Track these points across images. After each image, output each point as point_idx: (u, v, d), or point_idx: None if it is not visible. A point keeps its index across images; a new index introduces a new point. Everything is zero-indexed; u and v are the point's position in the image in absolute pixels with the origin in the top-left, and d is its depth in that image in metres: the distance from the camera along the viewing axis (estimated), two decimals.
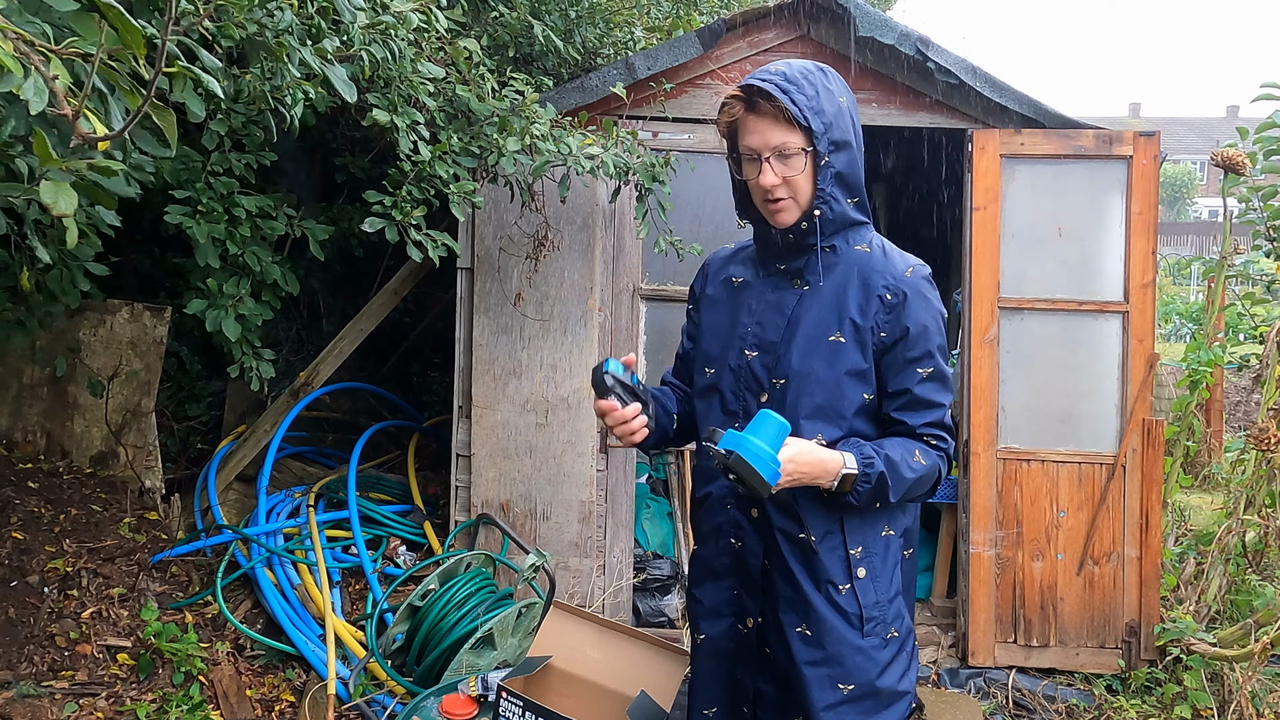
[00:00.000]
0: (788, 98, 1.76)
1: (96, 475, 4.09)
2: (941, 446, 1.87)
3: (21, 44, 1.34)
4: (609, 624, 2.48)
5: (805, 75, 1.81)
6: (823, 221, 1.84)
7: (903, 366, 1.84)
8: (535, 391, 4.00)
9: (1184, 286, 17.06)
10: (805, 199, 1.84)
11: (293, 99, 2.43)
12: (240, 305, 3.37)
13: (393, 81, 2.88)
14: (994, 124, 3.98)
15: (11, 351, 4.03)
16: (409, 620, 3.30)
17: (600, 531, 4.05)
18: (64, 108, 1.33)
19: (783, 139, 1.79)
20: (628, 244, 4.02)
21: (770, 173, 1.81)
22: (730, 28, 3.95)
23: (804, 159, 1.80)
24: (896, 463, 1.80)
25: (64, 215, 1.42)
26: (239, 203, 3.34)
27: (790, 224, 1.86)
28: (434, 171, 3.00)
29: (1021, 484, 3.99)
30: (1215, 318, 4.87)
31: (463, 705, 2.53)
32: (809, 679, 1.86)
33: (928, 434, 1.85)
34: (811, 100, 1.78)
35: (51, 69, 1.35)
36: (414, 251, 3.00)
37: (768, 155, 1.81)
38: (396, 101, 2.90)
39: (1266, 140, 4.23)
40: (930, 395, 1.84)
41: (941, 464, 1.87)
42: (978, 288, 3.98)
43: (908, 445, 1.84)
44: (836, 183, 1.83)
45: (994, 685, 3.93)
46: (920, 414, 1.85)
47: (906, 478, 1.80)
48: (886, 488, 1.79)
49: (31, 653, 3.29)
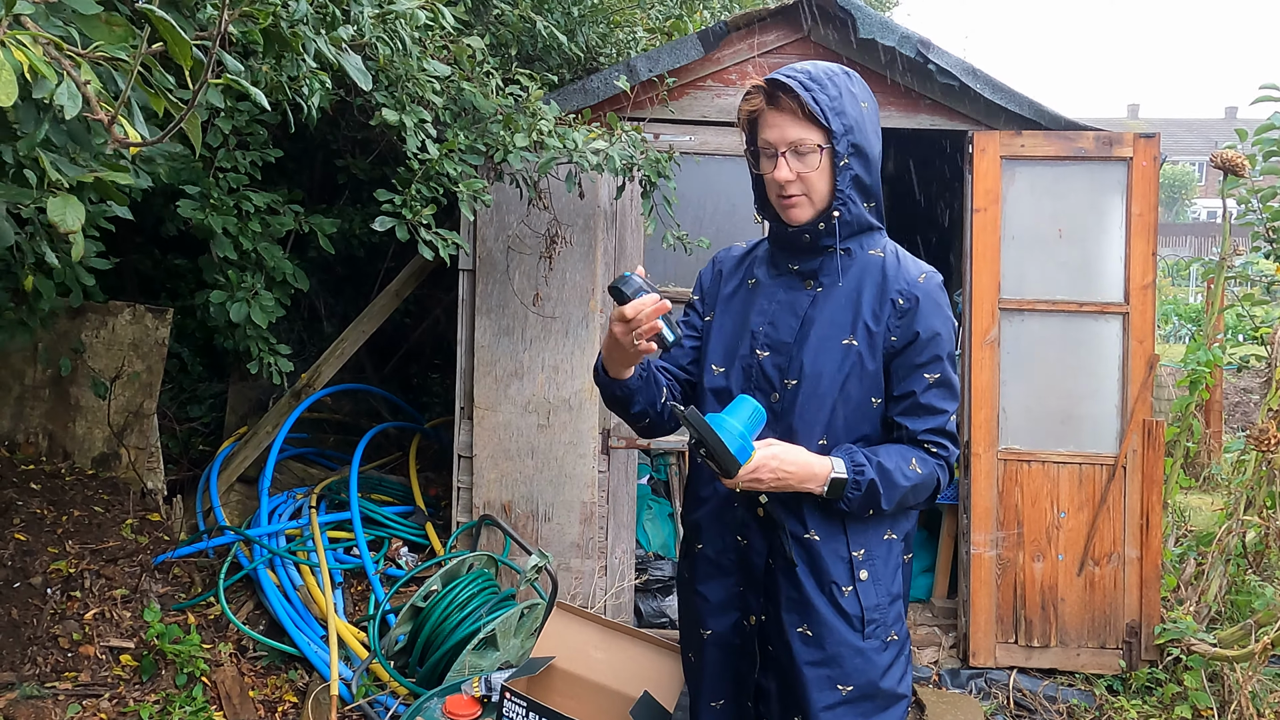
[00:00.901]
0: (810, 95, 1.78)
1: (99, 477, 4.09)
2: (942, 455, 1.86)
3: (52, 49, 1.35)
4: (611, 624, 2.48)
5: (830, 76, 1.82)
6: (840, 223, 1.84)
7: (910, 371, 1.85)
8: (537, 393, 4.00)
9: (1183, 288, 17.07)
10: (820, 198, 1.84)
11: (310, 89, 2.44)
12: (259, 298, 3.39)
13: (399, 80, 2.89)
14: (994, 126, 3.99)
15: (14, 353, 4.03)
16: (411, 621, 3.31)
17: (602, 533, 4.06)
18: (98, 113, 1.35)
19: (800, 135, 1.80)
20: (629, 245, 4.03)
21: (785, 167, 1.82)
22: (731, 29, 3.96)
23: (819, 157, 1.81)
24: (890, 470, 1.80)
25: (71, 231, 1.44)
26: (248, 197, 3.35)
27: (802, 221, 1.86)
28: (442, 169, 3.01)
29: (1022, 485, 4.00)
30: (1215, 319, 4.88)
31: (466, 706, 2.53)
32: (809, 679, 1.86)
33: (928, 440, 1.85)
34: (834, 101, 1.79)
35: (82, 74, 1.37)
36: (425, 250, 3.00)
37: (784, 150, 1.82)
38: (404, 100, 2.91)
39: (1265, 142, 4.24)
40: (934, 401, 1.84)
41: (940, 472, 1.87)
42: (978, 289, 3.99)
43: (905, 453, 1.83)
44: (855, 185, 1.84)
45: (995, 686, 3.93)
46: (923, 419, 1.85)
47: (900, 485, 1.80)
48: (879, 495, 1.79)
49: (35, 654, 3.29)
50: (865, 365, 1.85)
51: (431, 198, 3.04)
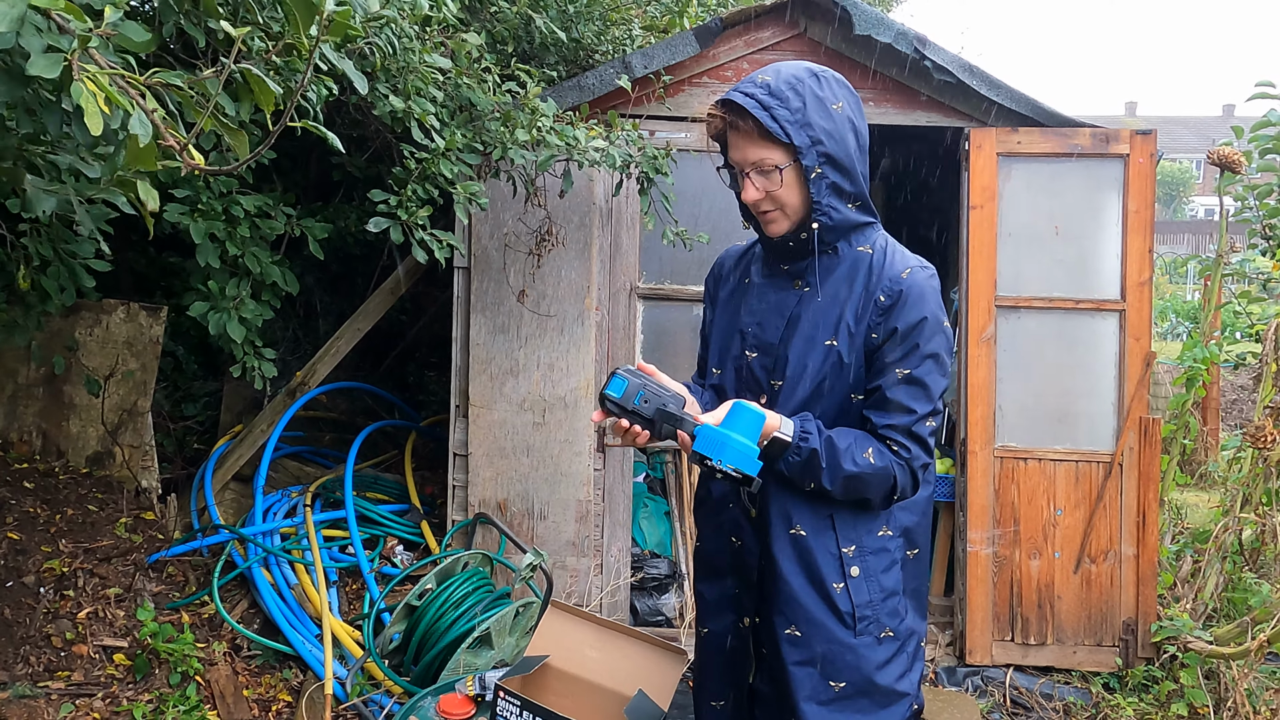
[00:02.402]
0: (768, 115, 1.72)
1: (92, 475, 4.08)
2: (903, 455, 1.79)
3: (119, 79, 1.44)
4: (607, 623, 2.47)
5: (793, 85, 1.75)
6: (823, 230, 1.82)
7: (882, 366, 1.81)
8: (532, 391, 3.99)
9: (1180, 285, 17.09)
10: (794, 210, 1.81)
11: (317, 95, 2.44)
12: (242, 307, 3.36)
13: (402, 72, 2.88)
14: (991, 122, 3.98)
15: (7, 351, 4.02)
16: (406, 620, 3.30)
17: (597, 531, 4.05)
18: (167, 139, 1.46)
19: (761, 155, 1.76)
20: (625, 243, 4.02)
21: (751, 189, 1.80)
22: (727, 26, 3.95)
23: (783, 175, 1.77)
24: (839, 450, 1.75)
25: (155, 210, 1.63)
26: (238, 201, 3.33)
27: (781, 234, 1.84)
28: (438, 170, 3.00)
29: (1019, 482, 3.99)
30: (1211, 316, 4.87)
31: (460, 705, 2.52)
32: (798, 678, 1.86)
33: (889, 437, 1.79)
34: (796, 114, 1.73)
35: (148, 102, 1.47)
36: (419, 252, 2.98)
37: (748, 171, 1.79)
38: (409, 90, 2.90)
39: (1262, 138, 4.23)
40: (901, 398, 1.79)
41: (898, 472, 1.79)
42: (974, 286, 3.98)
43: (862, 439, 1.79)
44: (832, 192, 1.79)
45: (991, 684, 3.93)
46: (886, 415, 1.80)
47: (844, 468, 1.75)
48: (819, 469, 1.75)
49: (27, 653, 3.28)
50: (844, 363, 1.82)
51: (427, 198, 3.03)
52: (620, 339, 4.03)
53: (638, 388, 1.78)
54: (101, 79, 1.38)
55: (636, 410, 1.77)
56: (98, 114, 1.33)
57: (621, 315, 4.04)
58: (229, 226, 3.31)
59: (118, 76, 1.45)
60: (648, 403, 1.77)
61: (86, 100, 1.32)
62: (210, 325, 3.31)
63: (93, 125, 1.32)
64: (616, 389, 1.78)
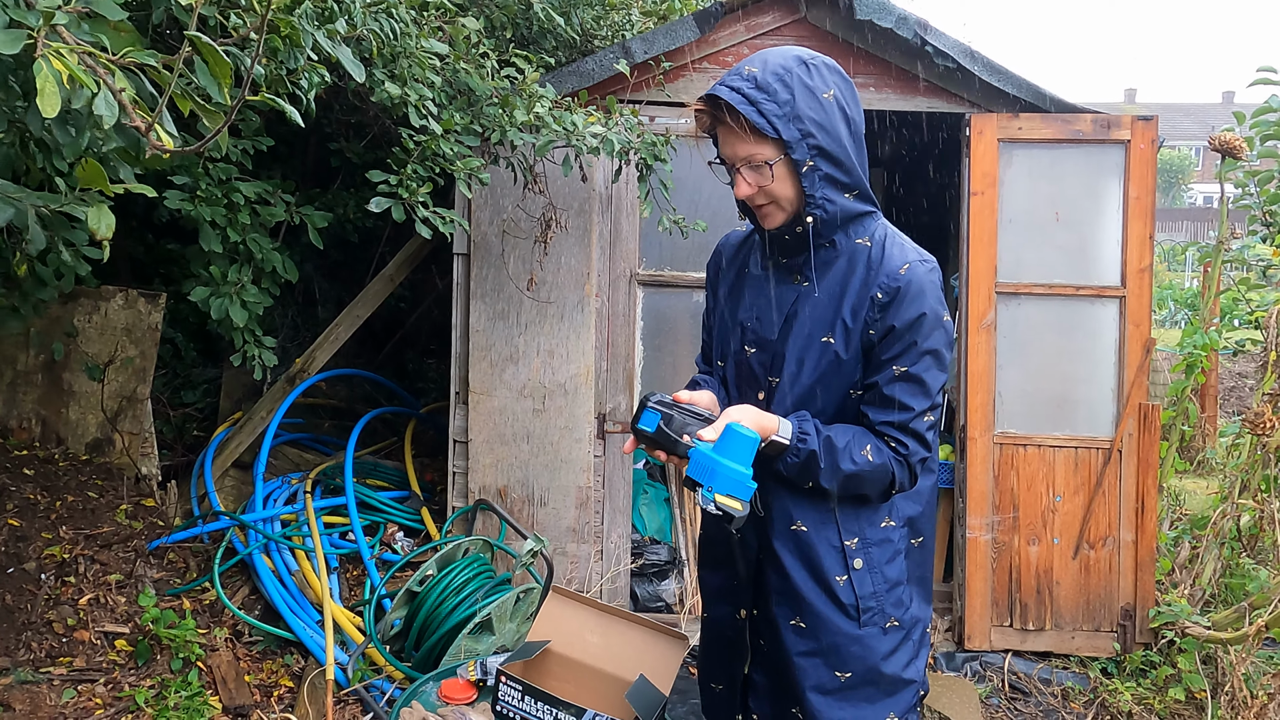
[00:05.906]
0: (754, 110, 1.68)
1: (92, 462, 4.08)
2: (901, 451, 1.78)
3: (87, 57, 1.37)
4: (608, 609, 2.48)
5: (780, 76, 1.70)
6: (819, 223, 1.78)
7: (880, 363, 1.79)
8: (532, 377, 3.99)
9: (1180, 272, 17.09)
10: (788, 202, 1.78)
11: (309, 83, 2.42)
12: (243, 292, 3.35)
13: (399, 57, 2.86)
14: (991, 108, 3.96)
15: (5, 338, 4.01)
16: (407, 606, 3.31)
17: (598, 517, 4.06)
18: (134, 120, 1.39)
19: (750, 151, 1.73)
20: (624, 229, 4.01)
21: (743, 184, 1.77)
22: (727, 11, 3.93)
23: (775, 169, 1.74)
24: (837, 449, 1.75)
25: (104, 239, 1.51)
26: (237, 188, 3.32)
27: (776, 226, 1.82)
28: (438, 150, 2.98)
29: (1018, 469, 4.00)
30: (1211, 303, 4.87)
31: (462, 689, 2.53)
32: (803, 668, 1.86)
33: (886, 433, 1.78)
34: (785, 107, 1.69)
35: (117, 82, 1.39)
36: (422, 229, 2.97)
37: (738, 166, 1.77)
38: (405, 75, 2.88)
39: (1263, 125, 4.22)
40: (898, 395, 1.77)
41: (896, 469, 1.78)
42: (975, 273, 3.97)
43: (860, 437, 1.78)
44: (827, 184, 1.75)
45: (990, 669, 3.95)
46: (882, 411, 1.78)
47: (842, 467, 1.75)
48: (817, 469, 1.75)
49: (29, 639, 3.29)
50: (842, 361, 1.80)
51: (427, 177, 3.01)
52: (620, 325, 4.03)
53: (668, 419, 1.77)
54: (70, 57, 1.32)
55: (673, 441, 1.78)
56: (55, 94, 1.27)
57: (621, 302, 4.03)
58: (229, 213, 3.30)
59: (86, 54, 1.38)
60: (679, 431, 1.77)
61: (44, 79, 1.26)
62: (212, 310, 3.30)
63: (47, 106, 1.26)
64: (649, 423, 1.78)
